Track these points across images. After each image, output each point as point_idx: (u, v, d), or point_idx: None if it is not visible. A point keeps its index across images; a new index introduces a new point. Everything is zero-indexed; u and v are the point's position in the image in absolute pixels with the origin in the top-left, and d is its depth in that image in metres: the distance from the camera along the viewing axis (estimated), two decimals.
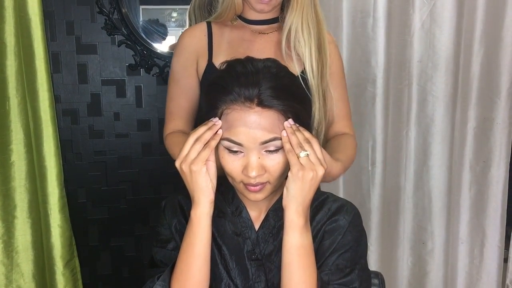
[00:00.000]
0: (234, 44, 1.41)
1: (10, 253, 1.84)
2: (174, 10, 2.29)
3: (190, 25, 1.63)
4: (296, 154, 0.90)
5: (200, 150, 0.93)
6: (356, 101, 2.11)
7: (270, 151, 0.92)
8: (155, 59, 2.20)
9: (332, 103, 1.41)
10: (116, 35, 2.16)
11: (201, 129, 0.94)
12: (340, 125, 1.44)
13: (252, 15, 1.42)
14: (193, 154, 0.93)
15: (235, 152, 0.92)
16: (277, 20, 1.43)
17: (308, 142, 0.92)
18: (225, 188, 1.04)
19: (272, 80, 0.91)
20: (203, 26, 1.45)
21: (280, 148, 0.92)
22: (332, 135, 1.43)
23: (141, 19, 2.22)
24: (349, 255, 0.99)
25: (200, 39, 1.42)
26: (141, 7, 2.23)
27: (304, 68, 1.36)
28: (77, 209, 2.22)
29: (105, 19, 2.13)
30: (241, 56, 1.02)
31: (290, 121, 0.92)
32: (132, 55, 2.18)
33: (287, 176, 0.95)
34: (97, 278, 2.33)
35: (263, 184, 0.94)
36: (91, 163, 2.24)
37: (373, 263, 2.17)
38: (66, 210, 1.99)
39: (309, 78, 1.35)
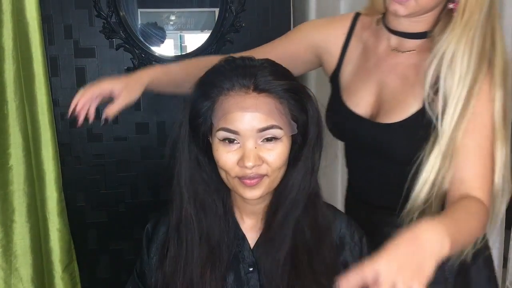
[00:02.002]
0: (365, 55, 1.20)
1: (9, 257, 1.83)
2: (172, 13, 2.29)
3: None
4: None
5: None
6: None
7: (267, 140, 0.89)
8: (153, 63, 2.19)
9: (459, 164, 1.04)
10: (114, 39, 2.16)
11: None
12: (468, 186, 1.02)
13: (392, 22, 1.14)
14: None
15: (231, 141, 0.89)
16: (424, 36, 1.11)
17: None
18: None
19: (267, 72, 0.90)
20: (346, 23, 1.25)
21: (279, 138, 0.89)
22: (456, 197, 1.03)
23: (139, 22, 2.22)
24: None
25: (335, 36, 1.24)
26: (139, 10, 2.23)
27: (442, 114, 1.03)
28: (76, 213, 2.21)
29: (103, 22, 2.13)
30: (368, 72, 1.05)
31: None
32: (130, 59, 2.18)
33: (285, 170, 0.93)
34: (96, 282, 2.32)
35: (261, 176, 0.90)
36: (90, 167, 2.24)
37: None
38: (64, 214, 1.98)
39: (441, 126, 1.03)
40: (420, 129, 1.05)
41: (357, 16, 1.25)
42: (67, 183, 2.11)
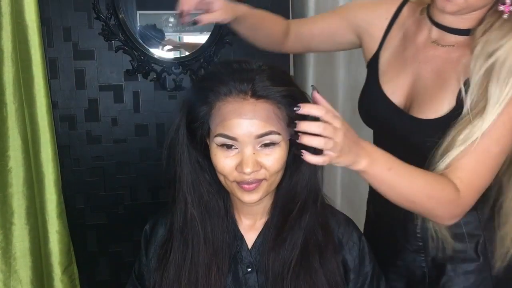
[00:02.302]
0: (404, 43, 1.20)
1: (8, 259, 1.83)
2: (171, 15, 2.29)
3: None
4: None
5: None
6: (353, 105, 2.11)
7: (265, 145, 0.89)
8: (152, 65, 2.20)
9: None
10: (113, 41, 2.16)
11: None
12: (452, 174, 1.01)
13: (437, 15, 1.13)
14: None
15: (229, 147, 0.89)
16: (466, 33, 1.09)
17: None
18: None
19: (265, 76, 0.90)
20: (392, 7, 1.24)
21: (277, 143, 0.90)
22: None
23: (138, 24, 2.23)
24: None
25: (379, 19, 1.24)
26: (138, 12, 2.23)
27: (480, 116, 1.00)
28: (75, 215, 2.21)
29: (102, 24, 2.13)
30: (404, 61, 1.06)
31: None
32: (129, 61, 2.18)
33: (283, 174, 0.94)
34: (96, 284, 2.32)
35: (259, 181, 0.91)
36: (89, 169, 2.24)
37: None
38: (64, 216, 1.99)
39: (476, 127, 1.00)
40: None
41: (404, 2, 1.24)
42: (66, 185, 2.11)
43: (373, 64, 1.25)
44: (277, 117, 0.89)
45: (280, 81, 0.91)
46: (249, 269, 1.00)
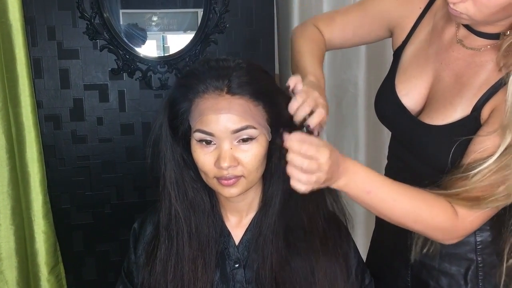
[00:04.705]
0: (430, 38, 1.11)
1: None
2: (154, 14, 2.29)
3: None
4: None
5: None
6: (338, 102, 2.14)
7: (243, 140, 0.90)
8: (137, 63, 2.20)
9: None
10: (98, 40, 2.15)
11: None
12: (455, 196, 0.94)
13: None
14: None
15: (208, 143, 0.91)
16: (496, 37, 0.99)
17: None
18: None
19: (242, 73, 0.91)
20: None
21: (254, 138, 0.91)
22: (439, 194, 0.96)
23: (121, 23, 2.22)
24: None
25: (412, 10, 1.13)
26: (121, 11, 2.22)
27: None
28: (61, 215, 2.20)
29: (87, 23, 2.12)
30: (426, 59, 1.06)
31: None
32: (115, 60, 2.18)
33: (264, 171, 0.95)
34: (83, 284, 2.32)
35: (237, 177, 0.92)
36: (75, 168, 2.23)
37: None
38: (50, 216, 1.98)
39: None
40: (461, 136, 0.97)
41: None
42: (52, 185, 2.10)
43: (396, 58, 1.18)
44: (253, 112, 0.90)
45: (257, 78, 0.93)
46: (237, 265, 1.02)
